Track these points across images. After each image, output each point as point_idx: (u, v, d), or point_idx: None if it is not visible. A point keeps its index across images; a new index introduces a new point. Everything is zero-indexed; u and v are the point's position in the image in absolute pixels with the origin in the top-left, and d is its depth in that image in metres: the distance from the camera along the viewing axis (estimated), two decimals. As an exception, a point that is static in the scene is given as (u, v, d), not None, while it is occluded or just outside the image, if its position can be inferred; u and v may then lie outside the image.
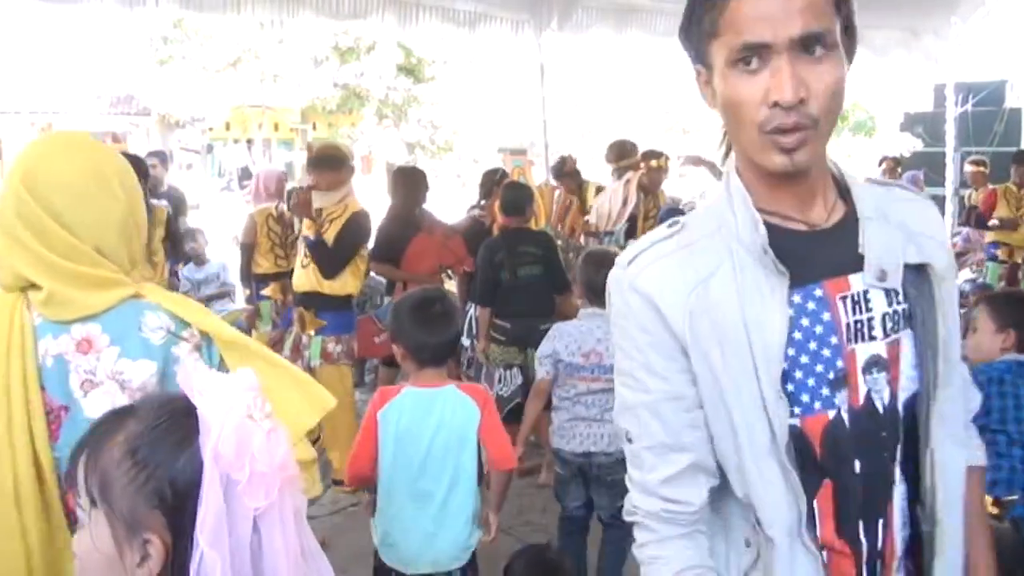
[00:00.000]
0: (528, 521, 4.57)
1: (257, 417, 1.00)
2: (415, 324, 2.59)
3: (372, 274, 5.65)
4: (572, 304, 5.29)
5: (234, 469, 0.96)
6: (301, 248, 4.68)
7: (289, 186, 5.97)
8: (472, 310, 5.43)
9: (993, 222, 7.80)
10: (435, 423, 2.56)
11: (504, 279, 4.97)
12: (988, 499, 2.24)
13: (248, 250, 5.42)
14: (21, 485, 1.47)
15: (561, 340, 3.46)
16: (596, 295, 3.46)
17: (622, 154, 6.28)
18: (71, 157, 1.58)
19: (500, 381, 5.06)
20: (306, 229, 4.62)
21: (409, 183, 5.67)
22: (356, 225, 4.53)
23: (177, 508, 0.98)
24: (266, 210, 5.46)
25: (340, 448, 4.61)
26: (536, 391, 3.53)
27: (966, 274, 8.39)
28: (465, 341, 5.55)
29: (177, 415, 1.01)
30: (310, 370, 4.62)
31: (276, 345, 4.94)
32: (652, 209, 6.26)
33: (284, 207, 5.43)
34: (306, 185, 4.79)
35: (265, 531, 0.99)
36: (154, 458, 0.99)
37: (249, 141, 22.48)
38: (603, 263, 3.55)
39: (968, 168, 9.12)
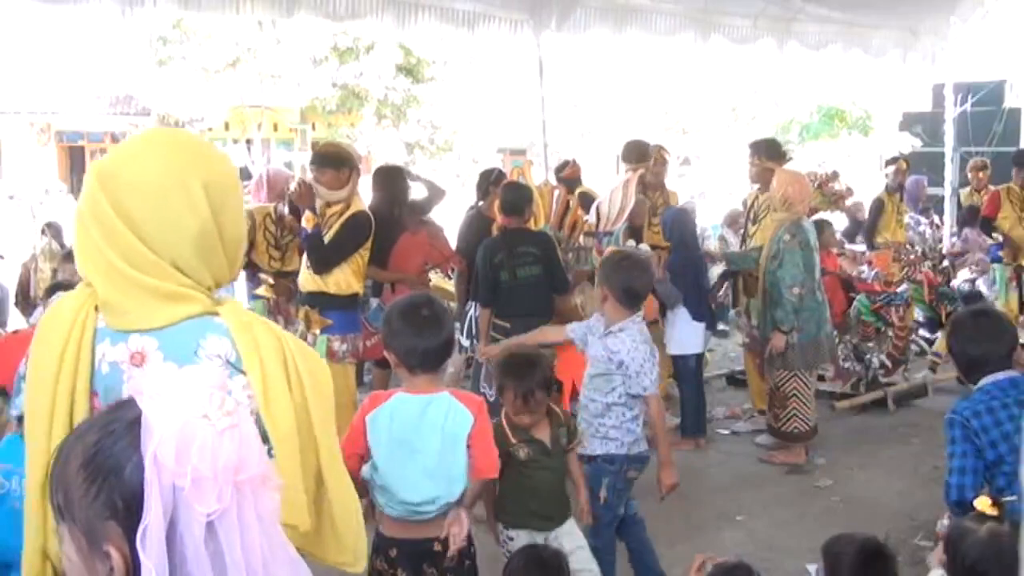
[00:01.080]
0: (528, 521, 4.56)
1: (213, 415, 0.96)
2: (404, 329, 2.57)
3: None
4: (570, 304, 5.28)
5: (176, 476, 0.93)
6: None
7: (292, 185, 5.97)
8: (473, 310, 5.42)
9: (997, 236, 7.72)
10: (428, 429, 2.53)
11: (504, 279, 4.95)
12: (987, 501, 2.22)
13: (247, 246, 5.42)
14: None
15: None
16: (632, 301, 3.39)
17: (642, 156, 6.17)
18: (152, 159, 1.46)
19: None
20: (306, 222, 4.63)
21: (387, 182, 5.67)
22: (353, 226, 4.53)
23: (130, 518, 0.94)
24: (264, 209, 5.45)
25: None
26: (663, 404, 3.42)
27: (965, 274, 8.39)
28: (465, 341, 5.53)
29: (129, 423, 0.98)
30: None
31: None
32: (662, 206, 6.22)
33: (284, 209, 5.42)
34: (302, 179, 4.81)
35: (223, 535, 0.95)
36: (104, 468, 0.96)
37: (248, 141, 22.43)
38: (640, 267, 3.48)
39: (970, 173, 9.09)
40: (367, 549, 1.66)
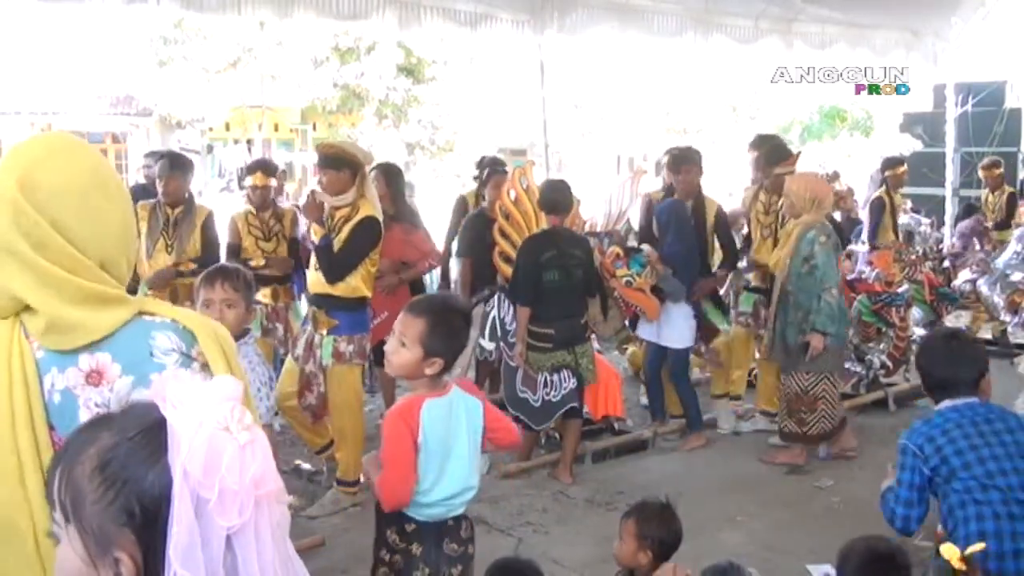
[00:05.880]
0: (528, 521, 4.57)
1: (234, 429, 0.96)
2: (457, 336, 2.59)
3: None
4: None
5: (203, 487, 0.92)
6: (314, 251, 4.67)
7: (289, 187, 5.98)
8: (496, 311, 5.36)
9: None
10: (457, 425, 2.59)
11: (551, 279, 4.89)
12: (955, 551, 2.17)
13: (234, 249, 5.42)
14: (42, 544, 1.32)
15: None
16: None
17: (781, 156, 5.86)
18: (70, 160, 1.43)
19: (546, 386, 5.01)
20: (314, 234, 4.61)
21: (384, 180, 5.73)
22: (361, 232, 4.51)
23: (146, 526, 0.94)
24: (243, 213, 5.49)
25: (346, 447, 4.61)
26: None
27: (966, 274, 8.38)
28: (488, 344, 5.46)
29: (149, 428, 0.97)
30: (322, 369, 4.62)
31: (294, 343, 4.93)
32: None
33: (252, 206, 5.48)
34: (313, 190, 4.81)
35: (240, 549, 0.95)
36: (123, 474, 0.95)
37: (249, 141, 22.43)
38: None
39: (982, 172, 9.08)
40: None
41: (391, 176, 5.76)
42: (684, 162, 5.71)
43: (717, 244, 5.84)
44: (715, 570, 2.61)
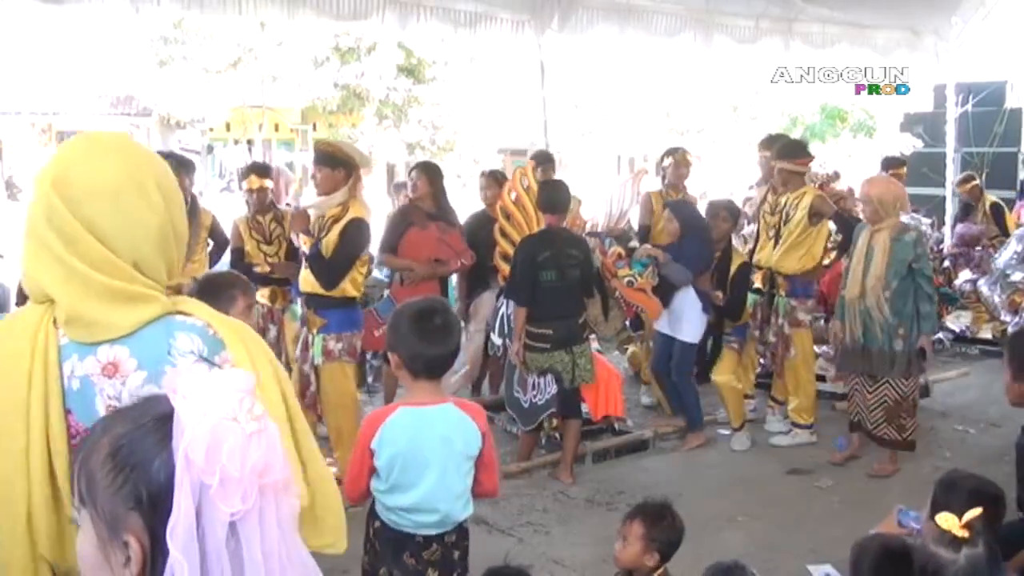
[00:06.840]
0: (529, 522, 4.57)
1: (243, 419, 0.98)
2: (413, 334, 2.49)
3: (373, 273, 5.68)
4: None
5: (204, 474, 0.95)
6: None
7: (294, 187, 6.02)
8: (505, 307, 5.36)
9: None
10: (434, 442, 2.49)
11: (547, 279, 4.89)
12: (953, 519, 2.13)
13: (238, 253, 5.44)
14: (35, 515, 1.40)
15: None
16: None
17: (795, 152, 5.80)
18: (107, 161, 1.46)
19: (533, 388, 5.01)
20: (304, 244, 4.63)
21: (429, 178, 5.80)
22: (351, 235, 4.51)
23: (153, 511, 0.97)
24: (244, 219, 5.50)
25: (344, 447, 4.61)
26: None
27: (966, 274, 8.38)
28: (497, 340, 5.47)
29: (159, 418, 1.00)
30: (315, 369, 4.63)
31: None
32: None
33: (251, 211, 5.49)
34: (298, 207, 4.86)
35: (244, 536, 0.97)
36: (131, 460, 0.99)
37: (250, 142, 22.46)
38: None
39: (959, 189, 9.06)
40: (346, 527, 1.67)
41: (432, 175, 5.83)
42: (721, 209, 5.79)
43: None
44: (719, 569, 2.60)
